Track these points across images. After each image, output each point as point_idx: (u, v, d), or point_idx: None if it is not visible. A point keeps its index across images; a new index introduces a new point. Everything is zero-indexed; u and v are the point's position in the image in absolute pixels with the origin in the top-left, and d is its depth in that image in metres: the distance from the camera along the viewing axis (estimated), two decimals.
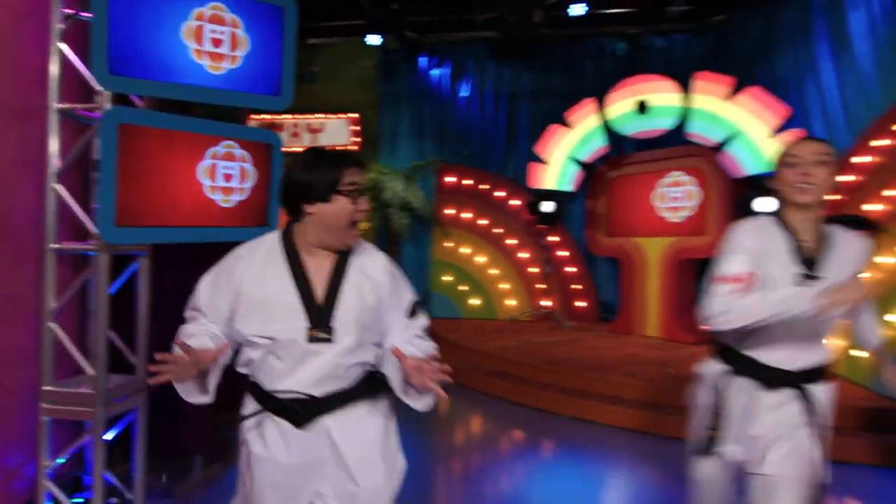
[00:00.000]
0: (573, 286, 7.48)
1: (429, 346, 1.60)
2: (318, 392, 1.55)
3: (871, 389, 4.13)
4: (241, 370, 1.64)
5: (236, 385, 1.70)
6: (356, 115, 8.40)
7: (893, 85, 4.01)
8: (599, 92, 7.12)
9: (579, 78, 7.51)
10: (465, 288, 7.84)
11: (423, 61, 7.98)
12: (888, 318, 4.02)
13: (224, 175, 2.60)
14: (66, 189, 2.53)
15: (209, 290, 1.62)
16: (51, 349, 2.48)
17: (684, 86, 5.98)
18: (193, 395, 1.53)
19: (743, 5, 6.30)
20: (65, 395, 2.45)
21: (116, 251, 2.55)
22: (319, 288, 1.57)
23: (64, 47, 2.49)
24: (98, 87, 2.43)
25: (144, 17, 2.21)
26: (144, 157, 2.37)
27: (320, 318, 1.53)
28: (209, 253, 2.93)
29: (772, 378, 1.84)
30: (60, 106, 2.49)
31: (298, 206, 1.55)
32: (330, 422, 1.56)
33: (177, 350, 1.46)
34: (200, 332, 1.57)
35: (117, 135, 2.25)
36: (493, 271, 7.79)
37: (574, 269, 7.49)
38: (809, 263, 1.80)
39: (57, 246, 2.48)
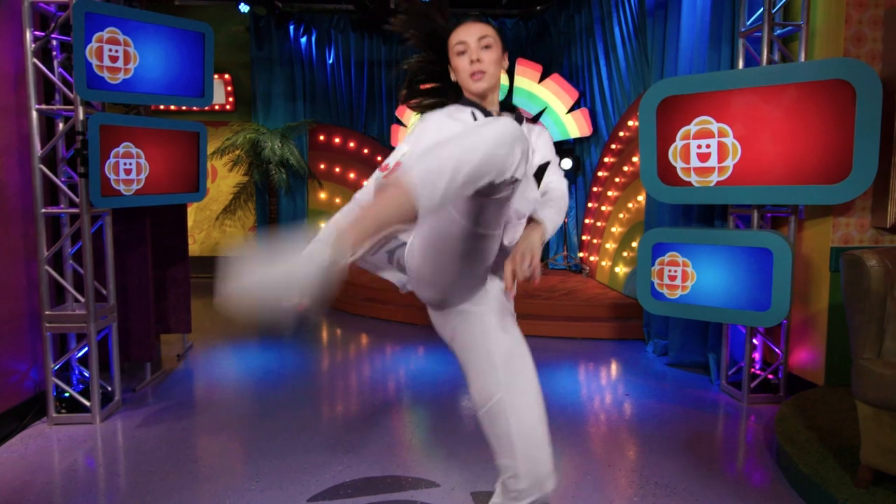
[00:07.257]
0: None
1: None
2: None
3: (619, 292, 6.12)
4: None
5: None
6: (229, 76, 9.01)
7: (639, 82, 5.75)
8: None
9: None
10: None
11: (291, 29, 8.69)
12: (634, 245, 5.94)
13: (125, 170, 3.48)
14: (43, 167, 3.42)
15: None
16: (47, 285, 3.42)
17: (511, 65, 7.52)
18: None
19: (552, 1, 7.84)
20: (64, 316, 3.43)
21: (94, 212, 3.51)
22: None
23: (36, 61, 3.33)
24: (72, 95, 3.33)
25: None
26: (114, 147, 3.35)
27: None
28: (145, 210, 3.95)
29: None
30: (39, 107, 3.34)
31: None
32: None
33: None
34: None
35: (99, 132, 3.22)
36: None
37: None
38: None
39: (47, 210, 3.39)
